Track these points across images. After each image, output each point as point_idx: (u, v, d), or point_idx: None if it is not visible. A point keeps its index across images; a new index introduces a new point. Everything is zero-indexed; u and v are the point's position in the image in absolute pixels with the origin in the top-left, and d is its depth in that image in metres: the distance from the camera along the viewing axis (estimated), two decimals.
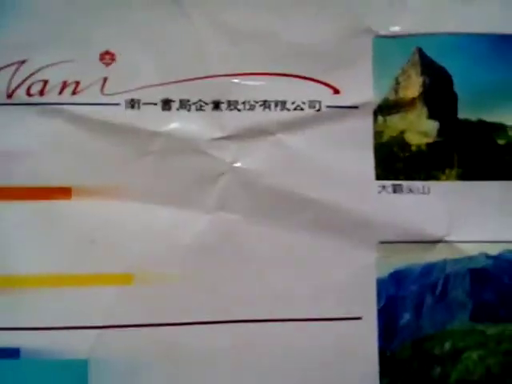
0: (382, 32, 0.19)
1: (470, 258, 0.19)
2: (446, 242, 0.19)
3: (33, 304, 0.17)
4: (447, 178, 0.19)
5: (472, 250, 0.19)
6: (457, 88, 0.19)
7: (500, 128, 0.19)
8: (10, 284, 0.17)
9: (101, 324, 0.17)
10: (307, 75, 0.19)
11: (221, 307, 0.18)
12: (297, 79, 0.19)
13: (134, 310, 0.17)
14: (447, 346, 0.19)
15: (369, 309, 0.18)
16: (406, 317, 0.19)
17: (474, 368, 0.18)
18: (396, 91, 0.19)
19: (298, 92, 0.19)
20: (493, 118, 0.19)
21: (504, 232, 0.19)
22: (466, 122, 0.19)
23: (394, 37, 0.19)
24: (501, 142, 0.19)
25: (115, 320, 0.17)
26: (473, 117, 0.19)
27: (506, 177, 0.19)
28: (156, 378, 0.17)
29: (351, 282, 0.18)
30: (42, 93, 0.18)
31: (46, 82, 0.18)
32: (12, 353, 0.17)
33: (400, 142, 0.19)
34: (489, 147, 0.19)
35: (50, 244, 0.18)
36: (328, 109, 0.19)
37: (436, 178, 0.19)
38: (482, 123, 0.19)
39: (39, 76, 0.18)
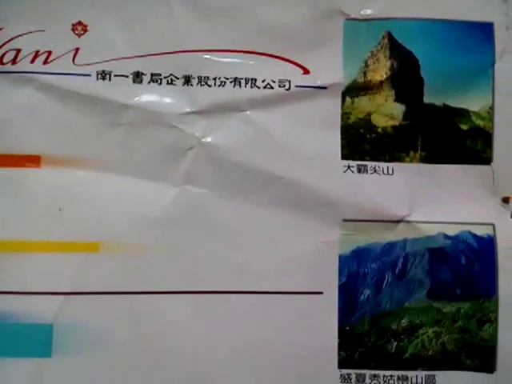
0: (353, 15, 0.20)
1: (429, 238, 0.19)
2: (407, 221, 0.19)
3: None
4: (411, 161, 0.20)
5: (431, 230, 0.19)
6: (424, 73, 0.20)
7: (464, 113, 0.20)
8: None
9: (66, 290, 0.18)
10: (278, 54, 0.19)
11: (185, 278, 0.18)
12: (268, 58, 0.19)
13: (99, 278, 0.18)
14: (404, 322, 0.19)
15: (330, 284, 0.19)
16: (366, 293, 0.19)
17: (429, 344, 0.19)
18: (365, 74, 0.20)
19: (268, 70, 0.19)
20: (457, 103, 0.20)
21: (463, 214, 0.19)
22: (432, 106, 0.20)
23: (365, 20, 0.20)
24: (464, 127, 0.20)
25: (81, 287, 0.18)
26: (438, 101, 0.20)
27: (467, 161, 0.19)
28: (118, 343, 0.18)
29: (314, 258, 0.19)
30: (14, 61, 0.18)
31: (18, 51, 0.18)
32: None
33: (367, 123, 0.20)
34: (452, 132, 0.20)
35: (17, 211, 0.18)
36: (297, 88, 0.19)
37: (400, 159, 0.20)
38: (446, 108, 0.20)
39: (12, 45, 0.18)
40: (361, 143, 0.19)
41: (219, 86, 0.19)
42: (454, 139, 0.20)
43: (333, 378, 0.19)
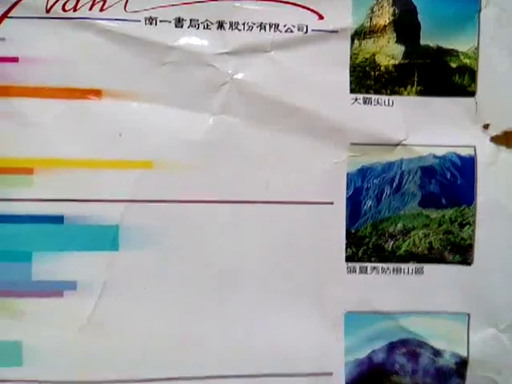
0: None
1: (421, 158, 0.23)
2: (403, 145, 0.23)
3: (72, 181, 0.21)
4: (408, 94, 0.23)
5: (424, 151, 0.23)
6: (420, 18, 0.23)
7: (453, 53, 0.23)
8: (54, 165, 0.21)
9: (128, 198, 0.22)
10: (298, 2, 0.22)
11: (223, 190, 0.22)
12: (289, 5, 0.22)
13: (154, 189, 0.22)
14: (399, 226, 0.23)
15: (339, 196, 0.23)
16: (369, 203, 0.23)
17: (419, 243, 0.23)
18: (370, 19, 0.23)
19: (289, 17, 0.22)
20: (448, 44, 0.23)
21: (450, 138, 0.23)
22: (426, 47, 0.23)
23: None
24: (453, 65, 0.23)
25: (139, 196, 0.22)
26: (432, 43, 0.23)
27: (454, 94, 0.23)
28: (172, 243, 0.22)
29: (326, 175, 0.23)
30: (75, 9, 0.21)
31: (78, 0, 0.21)
32: (57, 219, 0.21)
33: (371, 62, 0.23)
34: (443, 69, 0.23)
35: (85, 135, 0.21)
36: (313, 32, 0.23)
37: (399, 93, 0.23)
38: (439, 49, 0.23)
39: None
40: (366, 79, 0.23)
41: (247, 30, 0.22)
42: (444, 75, 0.23)
43: (341, 269, 0.23)
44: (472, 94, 0.23)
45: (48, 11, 0.21)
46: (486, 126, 0.23)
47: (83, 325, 0.22)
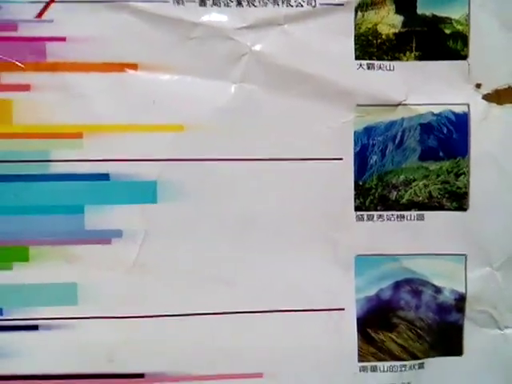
0: None
1: (420, 116, 0.26)
2: (403, 104, 0.26)
3: (115, 144, 0.25)
4: (407, 59, 0.26)
5: (422, 110, 0.26)
6: None
7: (447, 21, 0.26)
8: (99, 130, 0.25)
9: (163, 158, 0.25)
10: None
11: (244, 149, 0.25)
12: None
13: (187, 149, 0.25)
14: (402, 178, 0.26)
15: (348, 152, 0.26)
16: (374, 158, 0.26)
17: (419, 192, 0.26)
18: None
19: None
20: (442, 13, 0.26)
21: (445, 97, 0.26)
22: (423, 16, 0.26)
23: None
24: (447, 31, 0.26)
25: (173, 155, 0.25)
26: (428, 12, 0.26)
27: (449, 57, 0.26)
28: (202, 196, 0.25)
29: (335, 133, 0.26)
30: None
31: None
32: (104, 177, 0.25)
33: (374, 32, 0.26)
34: (438, 35, 0.26)
35: (124, 103, 0.25)
36: (321, 6, 0.25)
37: (399, 59, 0.26)
38: (434, 17, 0.26)
39: None
40: (369, 47, 0.26)
41: (262, 6, 0.25)
42: (439, 41, 0.26)
43: (350, 217, 0.26)
44: (464, 57, 0.26)
45: None
46: (478, 86, 0.26)
47: (129, 267, 0.25)
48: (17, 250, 0.25)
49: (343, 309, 0.26)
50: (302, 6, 0.25)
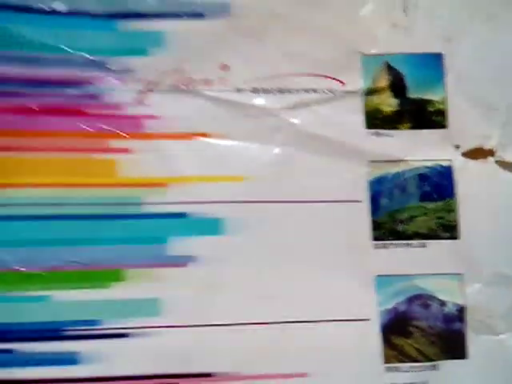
0: (366, 52, 0.35)
1: (417, 168, 0.34)
2: (404, 161, 0.34)
3: (191, 190, 0.32)
4: (403, 129, 0.34)
5: (418, 164, 0.34)
6: (406, 80, 0.35)
7: (430, 102, 0.35)
8: (180, 180, 0.33)
9: (228, 200, 0.33)
10: (328, 75, 0.35)
11: (286, 194, 0.33)
12: (323, 77, 0.35)
13: (244, 194, 0.32)
14: (406, 215, 0.34)
15: (365, 196, 0.33)
16: (385, 200, 0.34)
17: (421, 225, 0.33)
18: (374, 82, 0.35)
19: (323, 84, 0.34)
20: (426, 96, 0.35)
21: (434, 155, 0.34)
22: (412, 99, 0.35)
23: (374, 55, 0.35)
24: (431, 109, 0.35)
25: (235, 198, 0.33)
26: (415, 96, 0.35)
27: (434, 127, 0.34)
28: (256, 229, 0.33)
29: (355, 182, 0.34)
30: (192, 85, 0.34)
31: (192, 79, 0.34)
32: (182, 215, 0.32)
33: (377, 110, 0.35)
34: (425, 112, 0.35)
35: (197, 160, 0.33)
36: (339, 93, 0.35)
37: (398, 128, 0.34)
38: (420, 99, 0.35)
39: (191, 77, 0.34)
40: (375, 120, 0.34)
41: (297, 93, 0.34)
42: (426, 116, 0.35)
43: (369, 246, 0.33)
44: (445, 126, 0.34)
45: (175, 86, 0.34)
46: (457, 146, 0.34)
47: (200, 286, 0.31)
48: (113, 272, 0.32)
49: (369, 319, 0.32)
50: (325, 93, 0.35)
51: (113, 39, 0.33)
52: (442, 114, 0.35)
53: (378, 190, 0.34)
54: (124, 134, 0.33)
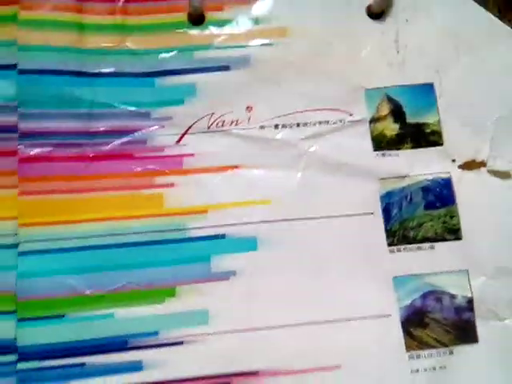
0: (370, 87, 0.41)
1: (420, 182, 0.39)
2: (408, 176, 0.39)
3: (227, 214, 0.38)
4: (406, 149, 0.40)
5: (421, 178, 0.38)
6: (405, 108, 0.41)
7: (426, 124, 0.40)
8: (216, 207, 0.38)
9: (259, 220, 0.38)
10: (338, 108, 0.40)
11: (310, 211, 0.39)
12: (334, 111, 0.40)
13: (273, 215, 0.38)
14: (415, 222, 0.39)
15: (377, 209, 0.39)
16: (395, 211, 0.39)
17: (428, 230, 0.38)
18: (377, 111, 0.41)
19: (334, 115, 0.40)
20: (423, 120, 0.40)
21: (434, 169, 0.39)
22: (411, 123, 0.40)
23: (375, 89, 0.41)
24: (428, 130, 0.40)
25: (265, 219, 0.38)
26: (413, 121, 0.40)
27: (432, 146, 0.40)
28: (287, 244, 0.38)
29: (368, 197, 0.39)
30: (222, 125, 0.40)
31: (224, 120, 0.40)
32: (221, 236, 0.37)
33: (382, 134, 0.40)
34: (423, 133, 0.40)
35: (231, 189, 0.39)
36: (348, 122, 0.40)
37: (401, 148, 0.40)
38: (418, 123, 0.40)
39: (221, 118, 0.40)
40: (381, 143, 0.40)
41: (313, 125, 0.40)
42: (424, 137, 0.40)
43: (385, 251, 0.38)
44: (442, 144, 0.40)
45: (208, 128, 0.40)
46: (453, 160, 0.39)
47: (241, 295, 0.36)
48: (167, 290, 0.37)
49: (390, 315, 0.37)
50: (335, 123, 0.40)
51: (153, 93, 0.40)
52: (437, 134, 0.40)
53: (389, 203, 0.39)
54: (167, 171, 0.39)
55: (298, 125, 0.40)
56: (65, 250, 0.37)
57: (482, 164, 0.39)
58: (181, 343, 0.36)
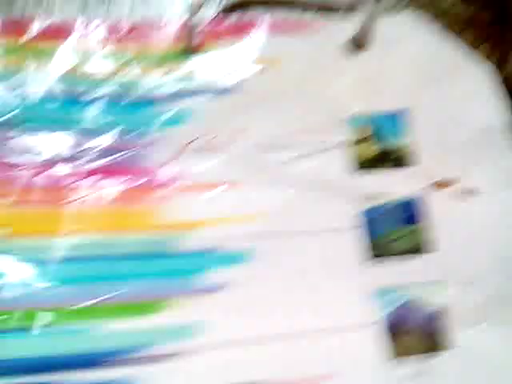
0: (351, 113, 0.44)
1: (399, 199, 0.42)
2: (388, 193, 0.42)
3: (218, 229, 0.40)
4: (383, 168, 0.43)
5: (398, 195, 0.42)
6: (383, 133, 0.44)
7: (402, 146, 0.44)
8: (216, 223, 0.40)
9: (248, 234, 0.40)
10: (321, 131, 0.44)
11: (292, 225, 0.41)
12: (316, 134, 0.43)
13: (260, 229, 0.40)
14: (394, 236, 0.42)
15: (358, 223, 0.42)
16: (375, 226, 0.42)
17: (408, 243, 0.41)
18: (359, 135, 0.44)
19: (318, 139, 0.43)
20: (399, 143, 0.44)
21: (411, 188, 0.43)
22: (388, 145, 0.44)
23: (356, 114, 0.44)
24: (403, 152, 0.44)
25: (254, 233, 0.40)
26: (391, 143, 0.43)
27: (406, 166, 0.44)
28: (274, 255, 0.40)
29: (351, 216, 0.42)
30: (215, 146, 0.42)
31: (216, 142, 0.42)
32: (213, 250, 0.39)
33: (363, 155, 0.44)
34: (399, 155, 0.44)
35: (221, 208, 0.41)
36: (331, 144, 0.43)
37: (380, 168, 0.43)
38: (395, 146, 0.44)
39: (214, 140, 0.42)
40: (363, 163, 0.43)
41: (299, 147, 0.43)
42: (399, 158, 0.44)
43: (369, 263, 0.41)
44: (417, 165, 0.42)
45: (201, 148, 0.42)
46: (428, 179, 0.43)
47: (234, 306, 0.38)
48: (159, 302, 0.38)
49: (375, 324, 0.39)
50: (321, 146, 0.43)
51: (148, 116, 0.42)
52: (411, 155, 0.44)
53: (370, 218, 0.42)
54: (159, 188, 0.40)
55: (285, 146, 0.43)
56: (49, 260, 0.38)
57: (452, 182, 0.43)
58: (176, 355, 0.37)
